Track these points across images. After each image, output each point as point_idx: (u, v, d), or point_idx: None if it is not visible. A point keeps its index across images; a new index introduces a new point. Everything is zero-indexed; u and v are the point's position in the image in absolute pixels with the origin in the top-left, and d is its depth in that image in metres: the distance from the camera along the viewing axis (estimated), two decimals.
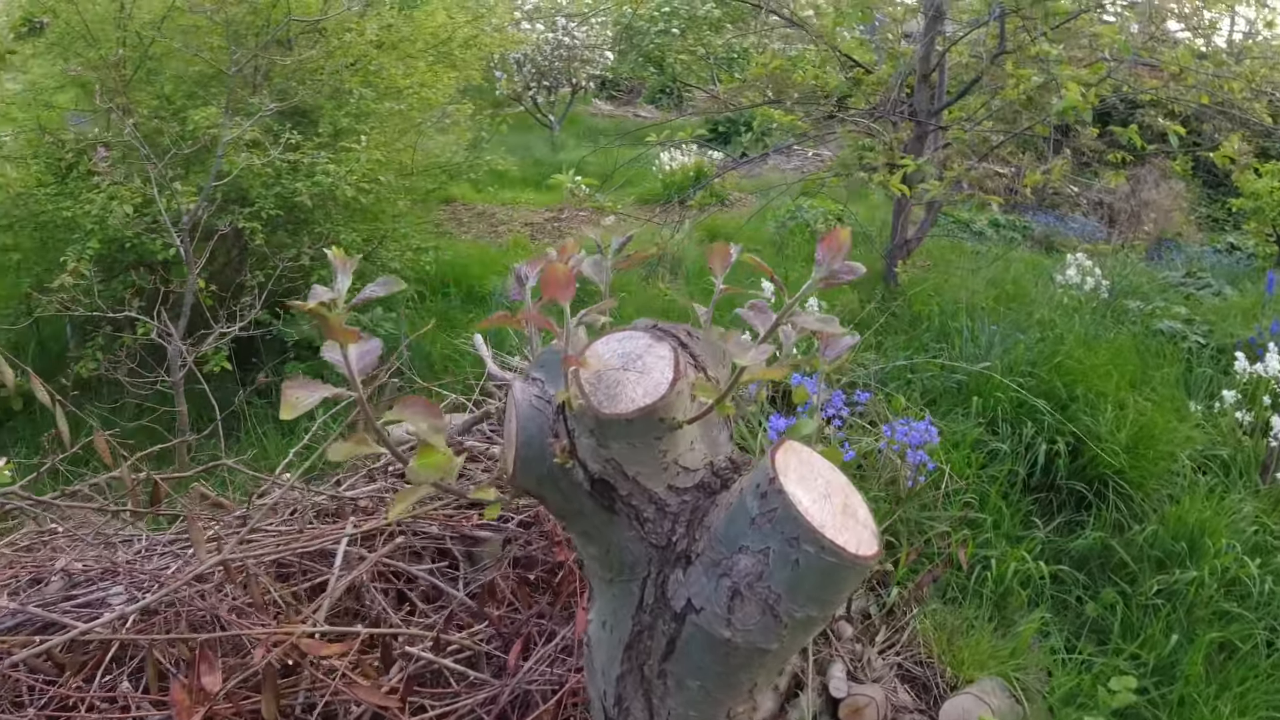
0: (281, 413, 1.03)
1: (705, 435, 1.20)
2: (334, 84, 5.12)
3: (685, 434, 1.14)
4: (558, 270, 1.09)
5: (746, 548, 1.07)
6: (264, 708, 1.78)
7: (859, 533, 1.07)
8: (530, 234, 8.05)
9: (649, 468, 1.13)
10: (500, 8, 8.52)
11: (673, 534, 1.13)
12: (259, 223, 4.37)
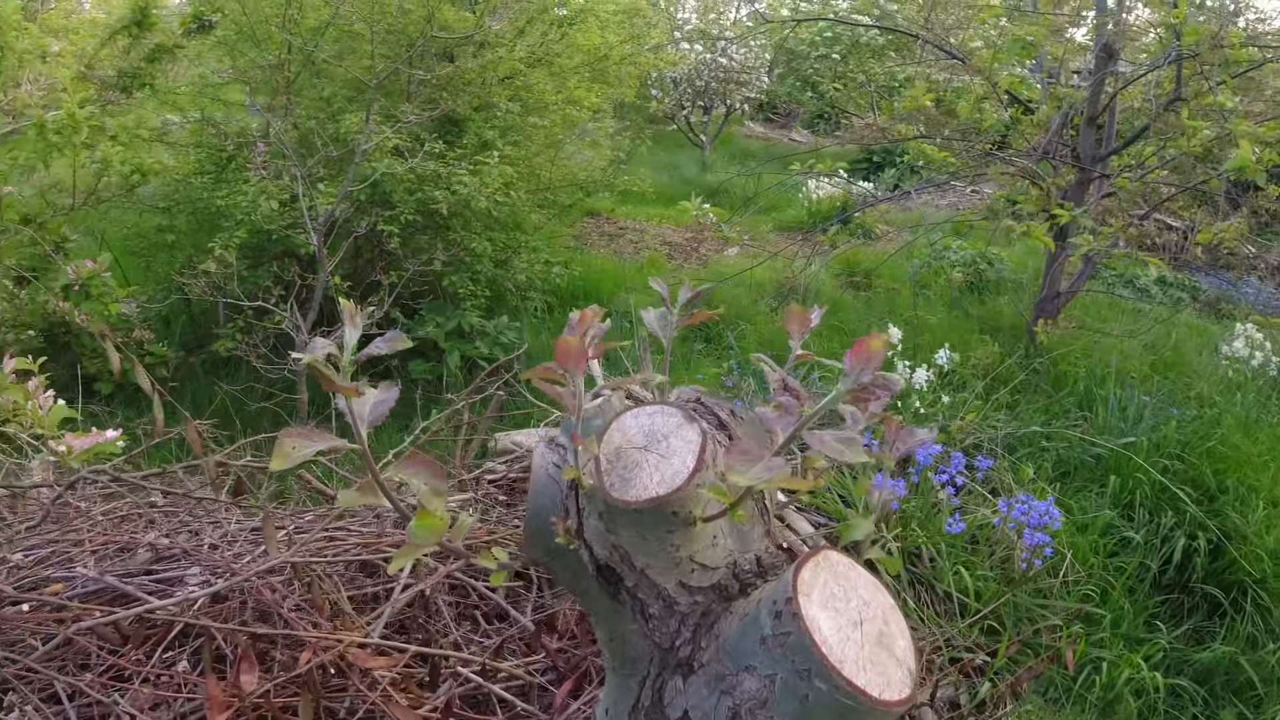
0: (272, 464, 0.99)
1: (733, 530, 1.08)
2: (483, 97, 5.25)
3: (705, 529, 1.02)
4: (570, 342, 1.00)
5: (754, 668, 0.94)
6: (301, 711, 1.78)
7: (890, 671, 0.92)
8: (668, 253, 8.02)
9: (659, 561, 1.02)
10: (659, 27, 8.57)
11: (678, 636, 1.01)
12: (397, 226, 4.51)
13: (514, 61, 5.16)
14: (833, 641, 0.90)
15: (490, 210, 4.51)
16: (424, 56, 5.19)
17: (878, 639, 0.94)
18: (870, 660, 0.92)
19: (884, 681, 0.91)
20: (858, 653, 0.91)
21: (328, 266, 3.84)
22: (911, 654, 0.97)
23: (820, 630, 0.90)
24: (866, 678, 0.89)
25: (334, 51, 5.10)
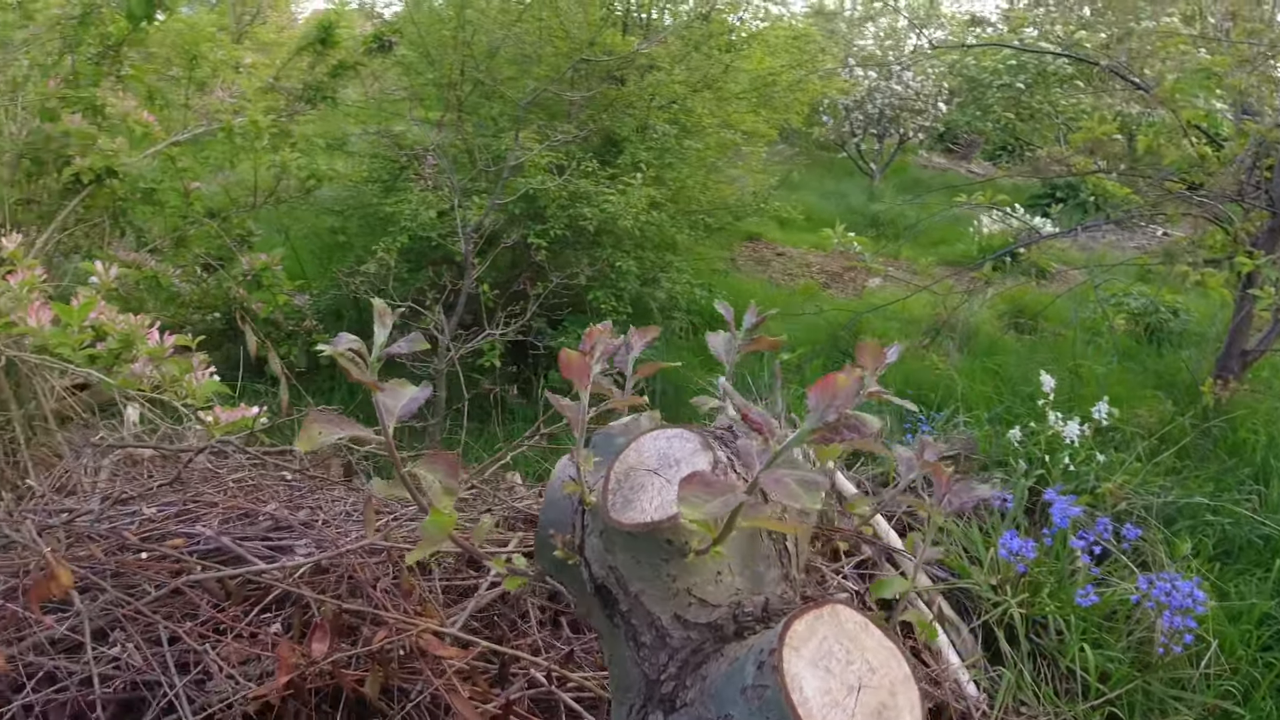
0: (298, 443, 1.04)
1: (745, 568, 1.02)
2: (642, 119, 5.34)
3: (707, 563, 0.98)
4: (572, 357, 0.99)
5: (731, 718, 0.89)
6: (369, 684, 1.85)
7: None
8: (825, 281, 7.85)
9: (654, 589, 0.98)
10: (830, 53, 8.44)
11: (664, 670, 0.97)
12: (545, 240, 4.66)
13: (674, 85, 5.23)
14: (814, 705, 0.83)
15: (635, 229, 4.58)
16: (587, 78, 5.34)
17: (876, 711, 0.86)
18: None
19: None
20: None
21: (473, 273, 4.01)
22: None
23: (801, 689, 0.84)
24: None
25: (505, 74, 5.36)
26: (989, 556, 3.04)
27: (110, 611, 2.07)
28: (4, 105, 3.74)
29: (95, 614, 2.06)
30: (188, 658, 1.93)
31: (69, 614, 2.07)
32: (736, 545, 1.01)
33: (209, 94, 4.16)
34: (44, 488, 2.62)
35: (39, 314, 2.74)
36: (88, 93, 3.64)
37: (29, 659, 1.96)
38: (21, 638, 2.02)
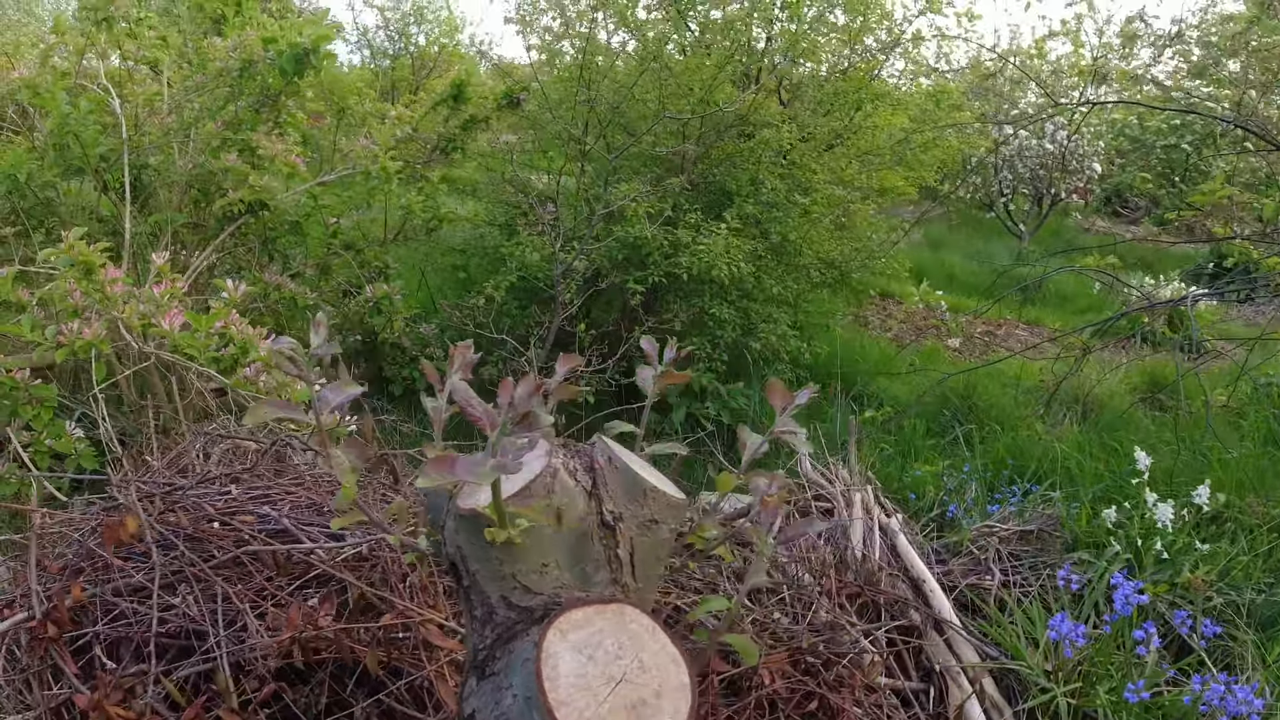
0: (246, 418, 1.24)
1: (573, 566, 1.13)
2: (753, 173, 5.48)
3: (530, 551, 1.09)
4: (427, 368, 1.14)
5: (513, 686, 1.00)
6: (368, 659, 2.06)
7: None
8: (956, 345, 7.61)
9: (486, 570, 1.11)
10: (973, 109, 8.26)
11: (484, 641, 1.09)
12: (643, 286, 4.86)
13: (785, 140, 5.34)
14: (564, 684, 0.92)
15: (727, 279, 4.69)
16: (705, 133, 5.55)
17: (632, 706, 0.93)
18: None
19: None
20: (594, 707, 0.92)
21: (562, 312, 4.26)
22: None
23: (556, 666, 0.93)
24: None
25: (627, 126, 5.67)
26: (1044, 640, 2.90)
27: (181, 570, 2.40)
28: (177, 142, 4.38)
29: (167, 569, 2.41)
30: (233, 616, 2.23)
31: (147, 565, 2.43)
32: (563, 543, 1.12)
33: (355, 140, 4.69)
34: (159, 464, 3.03)
35: (173, 320, 3.20)
36: (245, 135, 4.20)
37: (108, 598, 2.33)
38: (108, 580, 2.39)
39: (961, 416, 5.51)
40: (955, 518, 3.98)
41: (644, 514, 1.13)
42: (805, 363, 5.87)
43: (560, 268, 4.32)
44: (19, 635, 2.29)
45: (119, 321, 3.13)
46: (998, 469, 4.62)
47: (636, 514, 1.13)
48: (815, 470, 4.23)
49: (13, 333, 3.07)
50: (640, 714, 0.92)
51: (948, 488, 4.24)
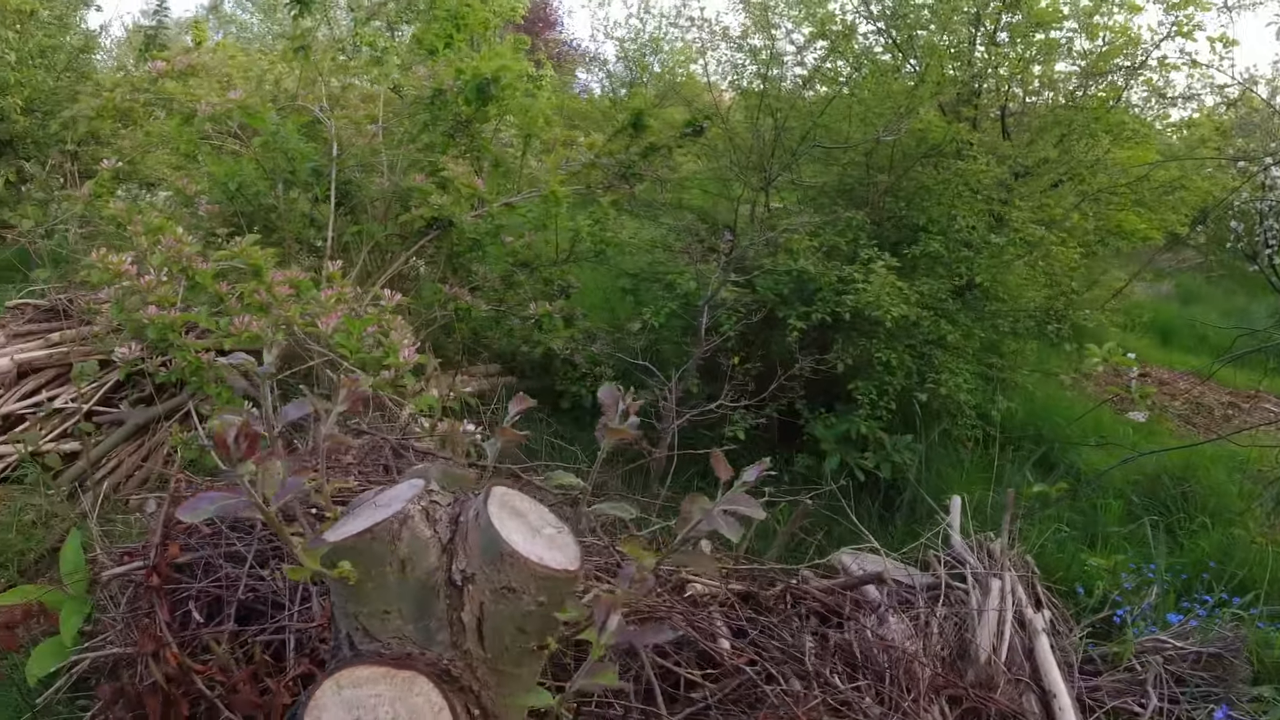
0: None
1: (418, 620, 1.08)
2: (946, 208, 5.11)
3: (371, 595, 1.06)
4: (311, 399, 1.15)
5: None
6: None
7: None
8: (1185, 412, 6.61)
9: (340, 606, 1.10)
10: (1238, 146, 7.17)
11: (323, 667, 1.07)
12: (804, 322, 4.68)
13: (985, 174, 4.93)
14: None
15: (889, 321, 4.38)
16: (895, 162, 5.26)
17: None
18: None
19: None
20: None
21: (706, 342, 4.19)
22: None
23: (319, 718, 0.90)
24: None
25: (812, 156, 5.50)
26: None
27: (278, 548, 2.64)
28: (385, 160, 4.81)
29: (266, 544, 2.66)
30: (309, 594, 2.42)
31: (249, 538, 2.69)
32: (409, 594, 1.08)
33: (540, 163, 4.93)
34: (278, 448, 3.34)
35: (328, 321, 3.51)
36: (434, 157, 4.54)
37: (218, 561, 2.61)
38: (217, 546, 2.67)
39: (1172, 503, 4.75)
40: (1123, 623, 3.43)
41: (500, 579, 1.05)
42: (993, 419, 5.35)
43: (707, 297, 4.25)
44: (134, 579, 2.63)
45: (284, 319, 3.49)
46: (1196, 571, 3.94)
47: (492, 578, 1.06)
48: (966, 545, 3.83)
49: (194, 321, 3.51)
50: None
51: (1125, 586, 3.66)
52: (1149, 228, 6.64)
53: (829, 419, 4.91)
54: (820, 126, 5.17)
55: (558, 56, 15.66)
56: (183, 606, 2.48)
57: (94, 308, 4.30)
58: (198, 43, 7.52)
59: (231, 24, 13.88)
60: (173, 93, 4.53)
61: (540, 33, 18.81)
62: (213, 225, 4.63)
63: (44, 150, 6.80)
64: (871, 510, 4.73)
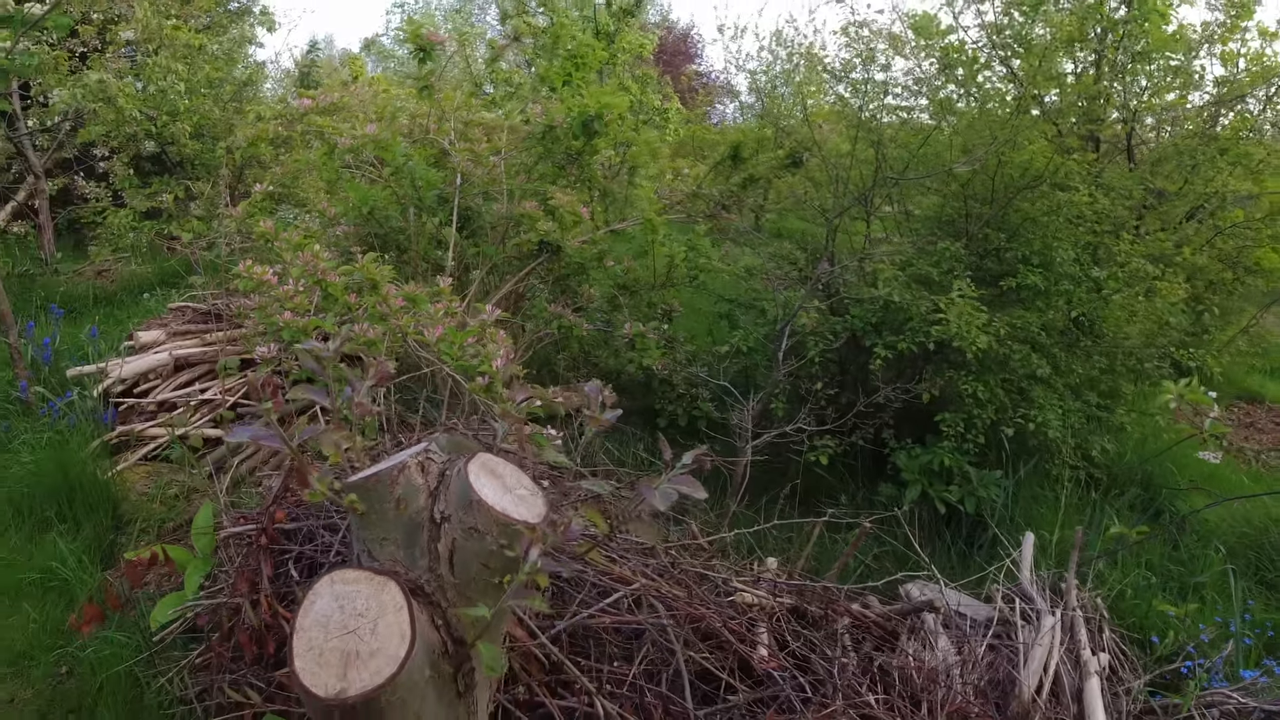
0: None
1: (408, 548, 1.36)
2: (1048, 240, 5.08)
3: (374, 525, 1.35)
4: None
5: None
6: None
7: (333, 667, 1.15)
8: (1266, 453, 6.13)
9: (355, 531, 1.39)
10: None
11: None
12: (890, 352, 4.76)
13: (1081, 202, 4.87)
14: (312, 617, 1.20)
15: (970, 352, 4.40)
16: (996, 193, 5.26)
17: (346, 652, 1.15)
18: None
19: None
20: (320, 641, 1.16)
21: (781, 367, 4.35)
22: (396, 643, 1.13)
23: (314, 603, 1.20)
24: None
25: (921, 187, 5.57)
26: None
27: None
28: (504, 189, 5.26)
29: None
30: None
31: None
32: (401, 526, 1.36)
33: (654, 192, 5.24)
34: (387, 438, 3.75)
35: (435, 332, 3.92)
36: (543, 187, 4.94)
37: (318, 530, 3.01)
38: (318, 518, 3.07)
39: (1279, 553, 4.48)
40: (1190, 674, 3.32)
41: (469, 521, 1.31)
42: (1097, 460, 5.20)
43: (784, 321, 4.41)
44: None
45: (398, 328, 3.93)
46: None
47: (463, 520, 1.32)
48: (1035, 582, 3.79)
49: (322, 326, 4.00)
50: (350, 662, 1.14)
51: (1202, 638, 3.53)
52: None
53: (914, 449, 4.94)
54: (918, 157, 5.25)
55: (694, 88, 16.05)
56: (283, 566, 2.88)
57: (244, 312, 4.92)
58: (354, 77, 8.35)
59: (390, 59, 15.07)
60: (321, 125, 5.14)
61: (679, 65, 19.33)
62: (349, 244, 5.20)
63: (209, 172, 7.72)
64: (951, 543, 4.72)
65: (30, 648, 3.47)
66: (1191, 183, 5.40)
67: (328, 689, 1.09)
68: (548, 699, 2.46)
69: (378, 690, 1.10)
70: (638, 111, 7.95)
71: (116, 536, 4.32)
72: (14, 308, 5.40)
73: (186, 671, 2.95)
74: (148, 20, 7.81)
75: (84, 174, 9.79)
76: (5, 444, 4.89)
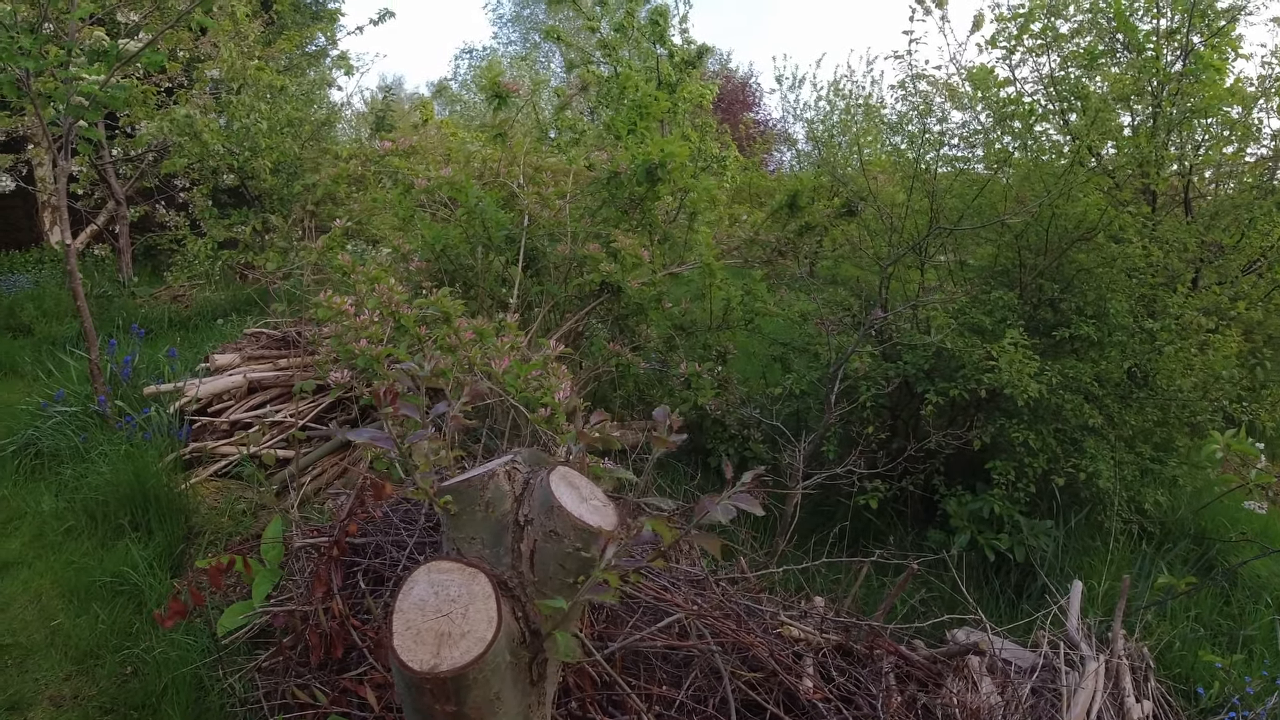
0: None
1: (494, 547, 1.50)
2: (1102, 291, 5.12)
3: (464, 525, 1.50)
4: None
5: None
6: None
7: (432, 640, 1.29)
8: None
9: (446, 531, 1.54)
10: None
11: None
12: (941, 398, 4.82)
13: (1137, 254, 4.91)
14: (410, 600, 1.34)
15: (1020, 399, 4.44)
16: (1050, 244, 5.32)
17: (440, 634, 1.30)
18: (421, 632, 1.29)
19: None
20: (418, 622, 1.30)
21: (831, 409, 4.44)
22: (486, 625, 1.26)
23: (412, 588, 1.34)
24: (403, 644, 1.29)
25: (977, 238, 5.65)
26: None
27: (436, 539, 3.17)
28: (568, 231, 5.48)
29: (424, 537, 3.20)
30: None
31: (413, 528, 3.23)
32: (489, 527, 1.51)
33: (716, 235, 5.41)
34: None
35: (499, 363, 4.11)
36: (606, 230, 5.14)
37: (386, 545, 3.17)
38: (387, 534, 3.24)
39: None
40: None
41: (549, 525, 1.45)
42: (1150, 513, 5.16)
43: (836, 365, 4.51)
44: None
45: (466, 359, 4.13)
46: None
47: (544, 523, 1.46)
48: (1082, 630, 3.79)
49: (394, 354, 4.22)
50: (443, 641, 1.28)
51: (1248, 690, 3.50)
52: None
53: (964, 496, 4.96)
54: (973, 208, 5.34)
55: (752, 136, 16.29)
56: (352, 577, 3.04)
57: (318, 340, 5.18)
58: (424, 120, 8.75)
59: (457, 103, 15.64)
60: (398, 166, 5.44)
61: (737, 113, 19.65)
62: (421, 279, 5.45)
63: (287, 206, 8.12)
64: (1000, 591, 4.72)
65: (97, 647, 3.65)
66: (1248, 236, 5.39)
67: (422, 664, 1.23)
68: (599, 716, 2.56)
69: (467, 667, 1.23)
70: (697, 159, 8.20)
71: (187, 547, 4.54)
72: (95, 327, 5.72)
73: (255, 673, 3.11)
74: (233, 60, 8.29)
75: (164, 203, 10.34)
76: (83, 454, 5.17)
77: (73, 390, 5.99)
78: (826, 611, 3.52)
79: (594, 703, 2.62)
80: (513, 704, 1.38)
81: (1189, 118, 5.76)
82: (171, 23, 5.49)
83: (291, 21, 11.23)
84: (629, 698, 2.47)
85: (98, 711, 3.34)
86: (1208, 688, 3.58)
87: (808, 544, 4.74)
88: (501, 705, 1.34)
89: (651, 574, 3.22)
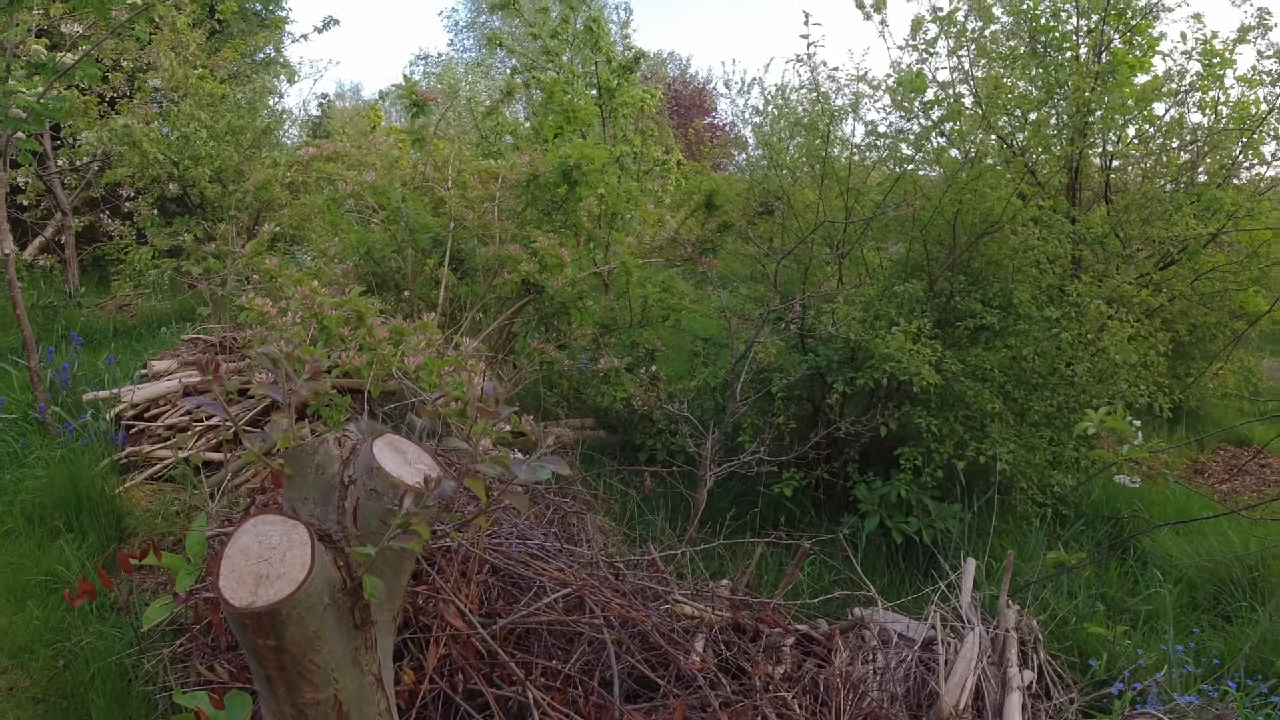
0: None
1: (324, 504, 1.66)
2: (1005, 283, 5.37)
3: (298, 486, 1.65)
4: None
5: None
6: None
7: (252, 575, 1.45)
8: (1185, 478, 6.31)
9: (285, 491, 1.69)
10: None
11: None
12: (849, 389, 5.03)
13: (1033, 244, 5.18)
14: (237, 546, 1.48)
15: (917, 387, 4.66)
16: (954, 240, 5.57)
17: (259, 575, 1.44)
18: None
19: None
20: (241, 565, 1.45)
21: (737, 400, 4.64)
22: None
23: (239, 538, 1.49)
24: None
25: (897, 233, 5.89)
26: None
27: None
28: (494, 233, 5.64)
29: None
30: None
31: None
32: (319, 488, 1.66)
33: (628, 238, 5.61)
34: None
35: (414, 360, 4.25)
36: (530, 231, 5.31)
37: None
38: None
39: (1239, 590, 4.64)
40: (1120, 696, 3.49)
41: (370, 484, 1.62)
42: (1060, 496, 5.40)
43: (736, 357, 4.70)
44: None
45: (383, 357, 4.28)
46: (1232, 657, 3.89)
47: (365, 483, 1.62)
48: (973, 605, 4.00)
49: (314, 353, 4.36)
50: (260, 582, 1.44)
51: (1140, 664, 3.71)
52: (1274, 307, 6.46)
53: (874, 483, 5.17)
54: (886, 204, 5.57)
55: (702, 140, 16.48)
56: None
57: (248, 343, 5.29)
58: (372, 126, 8.86)
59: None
60: (328, 172, 5.57)
61: (695, 118, 19.86)
62: (349, 283, 5.58)
63: (226, 213, 8.20)
64: (906, 573, 4.93)
65: (31, 642, 3.76)
66: (1151, 225, 5.67)
67: (242, 601, 1.39)
68: (484, 687, 2.72)
69: (279, 604, 1.39)
70: (639, 161, 8.39)
71: (119, 547, 4.64)
72: (37, 336, 5.79)
73: (169, 660, 3.23)
74: (174, 70, 8.35)
75: (110, 212, 10.34)
76: (21, 459, 5.25)
77: (14, 398, 6.06)
78: (722, 591, 3.70)
79: (481, 675, 2.78)
80: (336, 644, 1.54)
81: (1106, 112, 6.02)
82: (108, 34, 5.57)
83: (238, 30, 11.28)
84: (507, 665, 2.63)
85: (31, 702, 3.46)
86: (1099, 660, 3.79)
87: (725, 531, 4.92)
88: (322, 644, 1.49)
89: (549, 556, 3.38)
